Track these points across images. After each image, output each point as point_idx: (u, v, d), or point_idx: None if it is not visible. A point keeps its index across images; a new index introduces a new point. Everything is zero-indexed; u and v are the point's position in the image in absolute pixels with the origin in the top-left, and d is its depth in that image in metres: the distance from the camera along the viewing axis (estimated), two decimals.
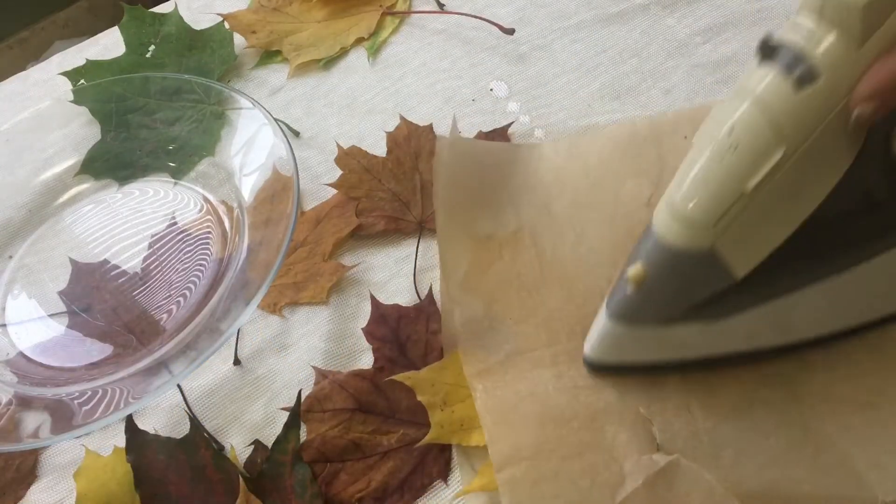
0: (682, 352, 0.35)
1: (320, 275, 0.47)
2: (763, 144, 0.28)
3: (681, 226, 0.31)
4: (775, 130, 0.28)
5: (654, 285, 0.32)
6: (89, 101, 0.57)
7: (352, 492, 0.38)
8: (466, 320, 0.41)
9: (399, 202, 0.49)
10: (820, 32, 0.27)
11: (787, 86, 0.28)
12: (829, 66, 0.27)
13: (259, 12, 0.63)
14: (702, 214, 0.30)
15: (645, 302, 0.33)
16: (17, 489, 0.42)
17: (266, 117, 0.50)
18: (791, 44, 0.28)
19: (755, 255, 0.31)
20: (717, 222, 0.30)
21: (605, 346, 0.36)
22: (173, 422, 0.43)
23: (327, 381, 0.41)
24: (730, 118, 0.29)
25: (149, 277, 0.49)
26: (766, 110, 0.28)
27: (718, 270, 0.31)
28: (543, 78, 0.55)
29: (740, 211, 0.29)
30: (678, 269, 0.32)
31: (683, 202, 0.30)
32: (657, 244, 0.32)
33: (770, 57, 0.29)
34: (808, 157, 0.29)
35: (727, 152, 0.29)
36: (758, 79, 0.29)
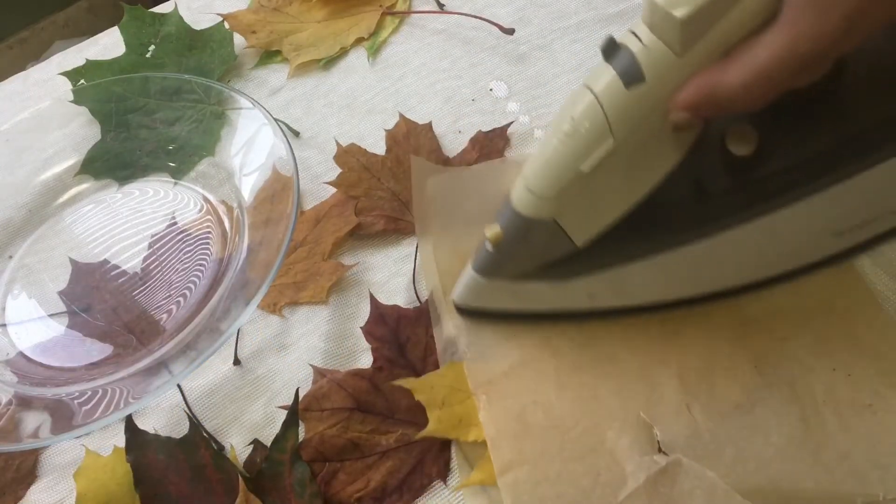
0: (532, 304, 0.40)
1: (320, 274, 0.47)
2: (596, 133, 0.32)
3: (529, 197, 0.35)
4: (607, 122, 0.32)
5: (507, 246, 0.37)
6: (89, 101, 0.57)
7: (350, 491, 0.38)
8: (472, 343, 0.41)
9: (398, 201, 0.49)
10: (648, 40, 0.31)
11: (619, 84, 0.31)
12: (654, 71, 0.31)
13: (259, 12, 0.63)
14: (544, 188, 0.34)
15: (500, 259, 0.38)
16: (17, 489, 0.42)
17: (266, 117, 0.50)
18: (624, 46, 0.31)
19: (592, 228, 0.36)
20: (557, 196, 0.34)
21: (467, 293, 0.41)
22: (173, 422, 0.43)
23: (326, 380, 0.42)
24: (573, 108, 0.33)
25: (149, 277, 0.49)
26: (601, 104, 0.32)
27: (561, 238, 0.36)
28: (543, 78, 0.55)
29: (577, 189, 0.34)
30: (527, 234, 0.36)
31: (531, 176, 0.35)
32: (511, 211, 0.36)
33: (611, 57, 0.32)
34: (639, 147, 0.33)
35: (568, 137, 0.33)
36: (599, 75, 0.32)
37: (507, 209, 0.36)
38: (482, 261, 0.39)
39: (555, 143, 0.33)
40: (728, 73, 0.29)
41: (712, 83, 0.30)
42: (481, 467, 0.37)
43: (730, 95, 0.29)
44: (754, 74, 0.29)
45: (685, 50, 0.30)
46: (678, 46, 0.30)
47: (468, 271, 0.40)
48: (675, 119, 0.31)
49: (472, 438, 0.38)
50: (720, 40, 0.30)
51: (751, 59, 0.29)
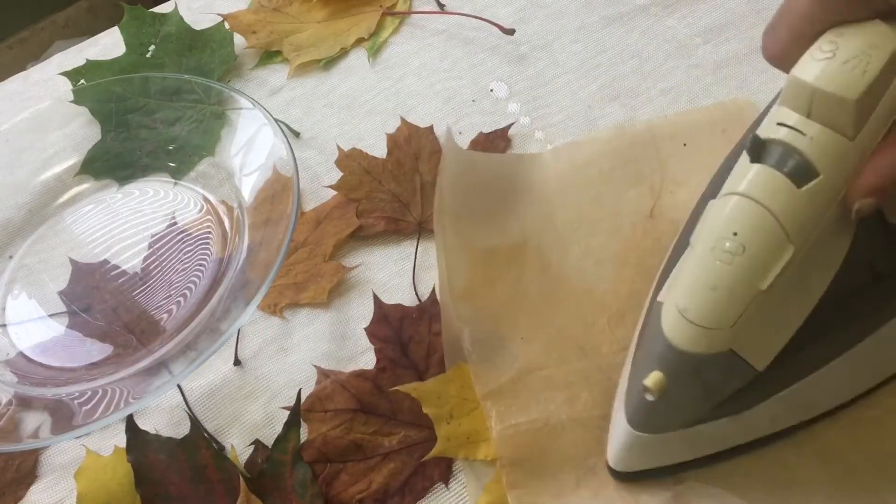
0: (708, 448, 0.35)
1: (321, 275, 0.47)
2: (773, 244, 0.28)
3: (696, 332, 0.30)
4: (783, 229, 0.28)
5: (676, 392, 0.32)
6: (89, 101, 0.57)
7: (352, 493, 0.38)
8: (476, 341, 0.40)
9: (399, 203, 0.49)
10: (812, 130, 0.28)
11: (788, 184, 0.28)
12: (827, 162, 0.28)
13: (259, 12, 0.63)
14: (718, 319, 0.30)
15: (668, 409, 0.33)
16: (17, 489, 0.42)
17: (266, 117, 0.50)
18: (783, 143, 0.28)
19: (773, 347, 0.32)
20: (734, 325, 0.29)
21: (630, 456, 0.35)
22: (173, 422, 0.43)
23: (329, 381, 0.42)
24: (731, 219, 0.29)
25: (149, 277, 0.49)
26: (771, 211, 0.28)
27: (739, 368, 0.31)
28: (543, 78, 0.55)
29: (755, 310, 0.29)
30: (699, 373, 0.31)
31: (696, 309, 0.30)
32: (673, 351, 0.31)
33: (762, 157, 0.29)
34: (813, 247, 0.29)
35: (735, 255, 0.29)
36: (754, 178, 0.29)
37: (666, 350, 0.31)
38: (643, 414, 0.33)
39: (717, 265, 0.29)
40: None
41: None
42: (490, 489, 0.37)
43: None
44: None
45: (858, 132, 0.27)
46: (851, 130, 0.27)
47: (623, 429, 0.34)
48: (863, 207, 0.28)
49: (481, 456, 0.38)
50: (886, 115, 0.28)
51: None
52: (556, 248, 0.44)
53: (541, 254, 0.44)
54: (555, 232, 0.45)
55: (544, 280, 0.43)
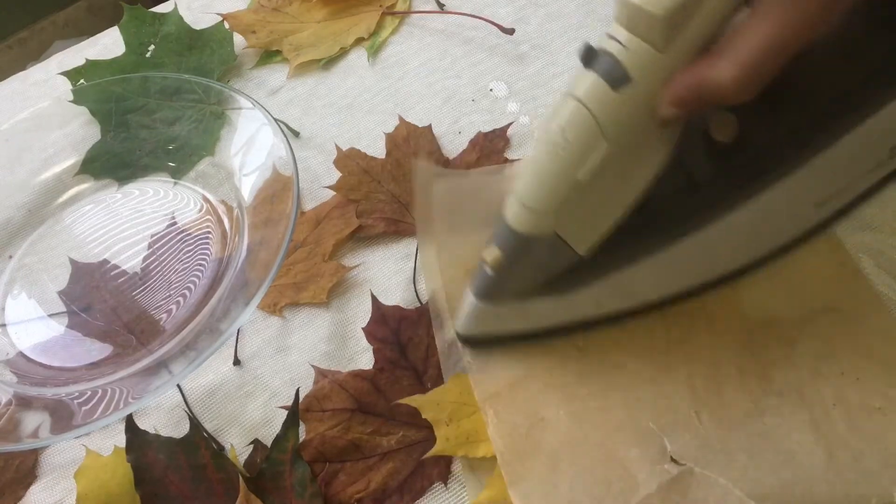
0: (540, 322, 0.40)
1: (320, 275, 0.47)
2: (590, 140, 0.32)
3: (526, 214, 0.34)
4: (599, 128, 0.32)
5: (509, 267, 0.36)
6: (89, 101, 0.57)
7: (351, 492, 0.38)
8: (475, 352, 0.41)
9: (398, 204, 0.49)
10: (631, 42, 0.31)
11: (606, 88, 0.31)
12: (639, 70, 0.31)
13: (259, 12, 0.63)
14: (542, 203, 0.34)
15: (502, 281, 0.37)
16: (17, 489, 0.42)
17: (266, 117, 0.50)
18: (606, 51, 0.31)
19: (593, 235, 0.36)
20: (556, 210, 0.34)
21: (472, 322, 0.40)
22: (173, 422, 0.43)
23: (327, 381, 0.42)
24: (562, 117, 0.32)
25: (149, 277, 0.49)
26: (590, 110, 0.31)
27: (563, 250, 0.36)
28: (543, 77, 0.55)
29: (576, 198, 0.33)
30: (528, 252, 0.35)
31: (526, 193, 0.34)
32: (509, 230, 0.35)
33: (591, 63, 0.32)
34: (631, 148, 0.33)
35: (560, 148, 0.32)
36: (582, 82, 0.32)
37: (503, 229, 0.36)
38: (483, 286, 0.38)
39: (546, 156, 0.33)
40: (716, 68, 0.30)
41: (701, 78, 0.30)
42: (491, 484, 0.37)
43: (720, 90, 0.30)
44: (744, 68, 0.29)
45: (667, 46, 0.30)
46: (660, 43, 0.30)
47: (469, 300, 0.39)
48: (665, 115, 0.32)
49: (480, 454, 0.38)
50: (699, 31, 0.30)
51: (738, 52, 0.29)
52: None
53: None
54: None
55: None
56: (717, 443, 0.37)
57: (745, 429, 0.37)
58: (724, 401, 0.38)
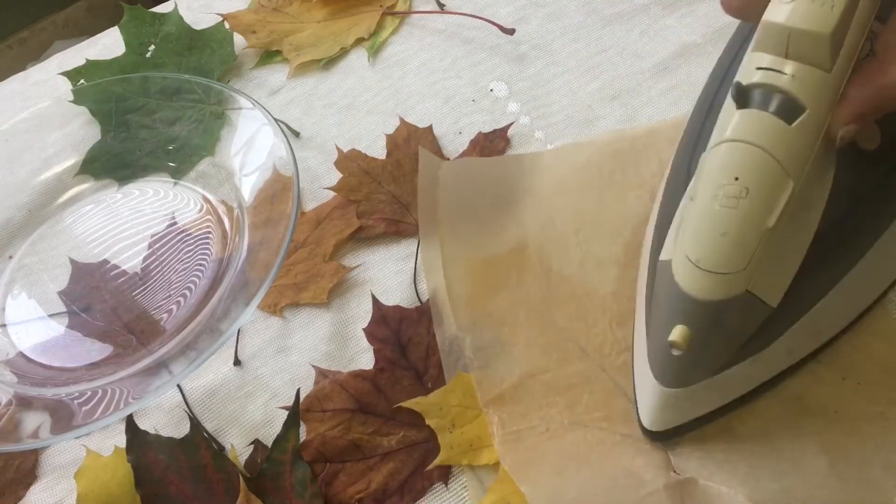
0: (736, 392, 0.36)
1: (321, 276, 0.47)
2: (774, 182, 0.30)
3: (713, 280, 0.31)
4: (782, 167, 0.29)
5: (701, 342, 0.32)
6: (89, 101, 0.57)
7: (351, 492, 0.38)
8: (477, 348, 0.41)
9: (399, 204, 0.49)
10: (791, 68, 0.29)
11: (779, 122, 0.29)
12: (811, 95, 0.29)
13: (259, 12, 0.63)
14: (732, 263, 0.31)
15: (695, 360, 0.34)
16: (17, 489, 0.42)
17: (266, 117, 0.50)
18: (767, 84, 0.30)
19: (783, 282, 0.33)
20: (748, 266, 0.31)
21: (666, 414, 0.36)
22: (173, 422, 0.43)
23: (327, 381, 0.42)
24: (730, 165, 0.30)
25: (149, 277, 0.49)
26: (767, 150, 0.29)
27: (757, 307, 0.33)
28: (543, 78, 0.55)
29: (765, 249, 0.31)
30: (721, 319, 0.32)
31: (709, 256, 0.31)
32: (693, 302, 0.32)
33: (749, 102, 0.30)
34: (806, 181, 0.30)
35: (740, 198, 0.30)
36: (744, 123, 0.30)
37: (684, 302, 0.32)
38: (671, 370, 0.34)
39: (723, 211, 0.30)
40: (889, 74, 0.29)
41: (878, 87, 0.30)
42: (493, 489, 0.37)
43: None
44: None
45: (833, 63, 0.29)
46: (828, 63, 0.29)
47: (654, 389, 0.35)
48: (846, 134, 0.30)
49: (484, 462, 0.38)
50: (852, 44, 0.29)
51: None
52: (557, 250, 0.44)
53: (541, 257, 0.44)
54: (555, 235, 0.45)
55: (545, 283, 0.43)
56: (719, 453, 0.36)
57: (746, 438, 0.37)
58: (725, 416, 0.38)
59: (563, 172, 0.48)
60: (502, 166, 0.49)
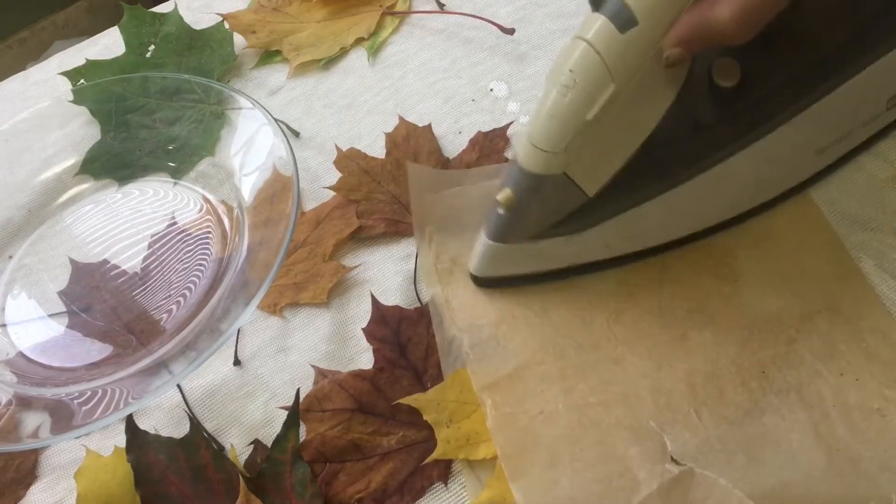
0: (550, 263, 0.41)
1: (321, 276, 0.47)
2: (597, 80, 0.33)
3: (537, 155, 0.35)
4: (607, 68, 0.33)
5: (520, 207, 0.37)
6: (89, 101, 0.57)
7: (351, 492, 0.38)
8: (474, 344, 0.41)
9: (399, 204, 0.49)
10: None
11: (614, 30, 0.32)
12: (645, 12, 0.32)
13: (259, 12, 0.63)
14: (552, 143, 0.35)
15: (514, 221, 0.39)
16: (17, 489, 0.42)
17: (266, 117, 0.50)
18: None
19: (602, 175, 0.37)
20: (566, 149, 0.35)
21: (485, 263, 0.41)
22: (173, 422, 0.43)
23: (327, 381, 0.42)
24: (569, 58, 0.33)
25: (149, 277, 0.49)
26: (598, 51, 0.33)
27: (573, 190, 0.37)
28: (543, 78, 0.54)
29: (584, 139, 0.34)
30: (539, 191, 0.37)
31: (537, 134, 0.35)
32: (521, 171, 0.36)
33: (599, 6, 0.33)
34: (638, 89, 0.34)
35: (569, 89, 0.33)
36: (590, 25, 0.33)
37: (515, 170, 0.37)
38: (495, 226, 0.39)
39: (555, 97, 0.34)
40: (717, 8, 0.31)
41: (704, 19, 0.32)
42: (490, 485, 0.37)
43: (722, 30, 0.31)
44: (743, 7, 0.31)
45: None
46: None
47: (482, 241, 0.40)
48: (669, 55, 0.33)
49: (481, 456, 0.38)
50: None
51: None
52: None
53: None
54: None
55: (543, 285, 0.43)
56: (717, 442, 0.37)
57: (744, 428, 0.37)
58: (723, 399, 0.38)
59: None
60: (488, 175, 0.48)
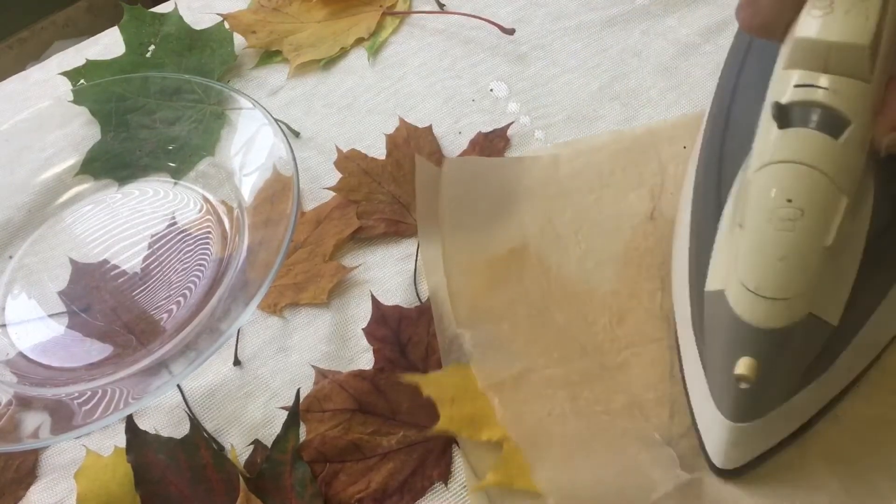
0: (803, 417, 0.35)
1: (321, 276, 0.47)
2: (829, 199, 0.29)
3: (776, 306, 0.30)
4: (834, 184, 0.29)
5: (769, 372, 0.32)
6: (89, 101, 0.57)
7: (351, 492, 0.38)
8: (477, 343, 0.41)
9: (399, 204, 0.49)
10: (830, 82, 0.29)
11: (826, 139, 0.29)
12: (854, 108, 0.29)
13: (259, 12, 0.63)
14: (795, 287, 0.30)
15: (764, 391, 0.33)
16: (16, 489, 0.42)
17: (266, 117, 0.50)
18: (808, 101, 0.29)
19: (841, 297, 0.32)
20: (810, 288, 0.30)
21: (738, 451, 0.35)
22: (173, 422, 0.43)
23: (327, 381, 0.42)
24: (782, 187, 0.30)
25: (149, 277, 0.49)
26: (818, 167, 0.29)
27: (819, 328, 0.32)
28: (543, 78, 0.55)
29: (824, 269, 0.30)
30: (786, 346, 0.31)
31: (770, 283, 0.30)
32: (757, 332, 0.31)
33: (790, 121, 0.30)
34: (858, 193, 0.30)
35: (796, 220, 0.29)
36: (791, 142, 0.30)
37: (746, 332, 0.31)
38: (740, 404, 0.33)
39: (779, 234, 0.30)
40: None
41: None
42: (496, 468, 0.36)
43: None
44: None
45: (872, 72, 0.29)
46: (868, 73, 0.29)
47: (724, 427, 0.34)
48: (890, 142, 0.30)
49: (485, 438, 0.37)
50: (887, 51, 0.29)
51: None
52: (557, 250, 0.44)
53: (541, 256, 0.44)
54: (555, 234, 0.45)
55: (545, 282, 0.43)
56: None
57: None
58: None
59: (563, 173, 0.48)
60: (503, 167, 0.49)
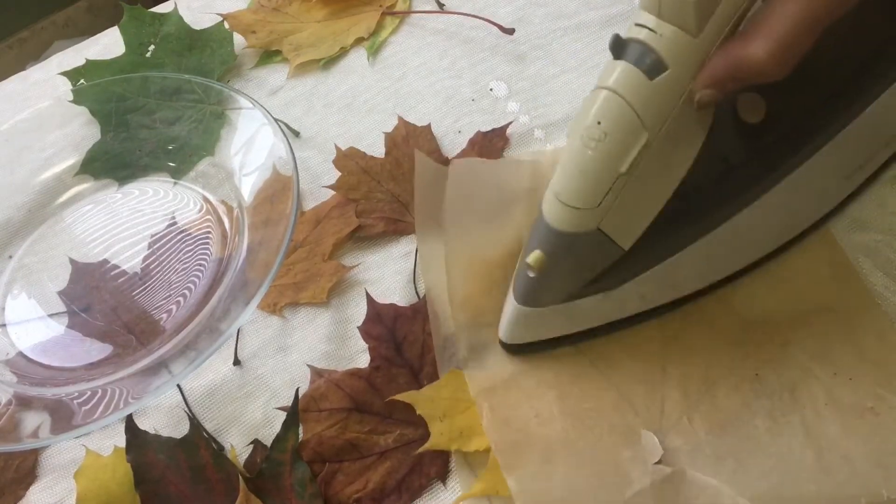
0: (585, 322, 0.39)
1: (320, 275, 0.47)
2: (629, 130, 0.32)
3: (568, 213, 0.34)
4: (638, 117, 0.32)
5: (553, 268, 0.36)
6: (89, 101, 0.57)
7: (350, 492, 0.38)
8: (471, 347, 0.41)
9: (398, 203, 0.49)
10: (661, 28, 0.31)
11: (642, 77, 0.31)
12: (674, 56, 0.31)
13: (259, 12, 0.63)
14: (585, 200, 0.33)
15: (547, 284, 0.37)
16: (17, 489, 0.42)
17: (266, 117, 0.50)
18: (638, 41, 0.31)
19: (637, 227, 0.35)
20: (599, 204, 0.33)
21: (516, 329, 0.39)
22: (173, 422, 0.43)
23: (323, 381, 0.42)
24: (596, 110, 0.32)
25: (149, 277, 0.49)
26: (627, 101, 0.32)
27: (607, 246, 0.35)
28: (543, 78, 0.55)
29: (618, 191, 0.33)
30: (572, 250, 0.35)
31: (567, 191, 0.34)
32: (550, 231, 0.35)
33: (622, 53, 0.32)
34: (669, 136, 0.33)
35: (598, 141, 0.32)
36: (615, 73, 0.32)
37: (544, 230, 0.35)
38: (526, 290, 0.37)
39: (583, 151, 0.33)
40: (752, 47, 0.30)
41: (737, 58, 0.31)
42: (483, 477, 0.37)
43: (757, 68, 0.30)
44: (779, 44, 0.30)
45: (700, 30, 0.30)
46: (694, 27, 0.30)
47: (511, 306, 0.38)
48: (702, 98, 0.32)
49: (473, 448, 0.38)
50: (727, 14, 0.31)
51: (772, 29, 0.30)
52: None
53: None
54: None
55: None
56: (708, 447, 0.37)
57: (735, 432, 0.37)
58: (716, 404, 0.38)
59: None
60: (504, 169, 0.49)
